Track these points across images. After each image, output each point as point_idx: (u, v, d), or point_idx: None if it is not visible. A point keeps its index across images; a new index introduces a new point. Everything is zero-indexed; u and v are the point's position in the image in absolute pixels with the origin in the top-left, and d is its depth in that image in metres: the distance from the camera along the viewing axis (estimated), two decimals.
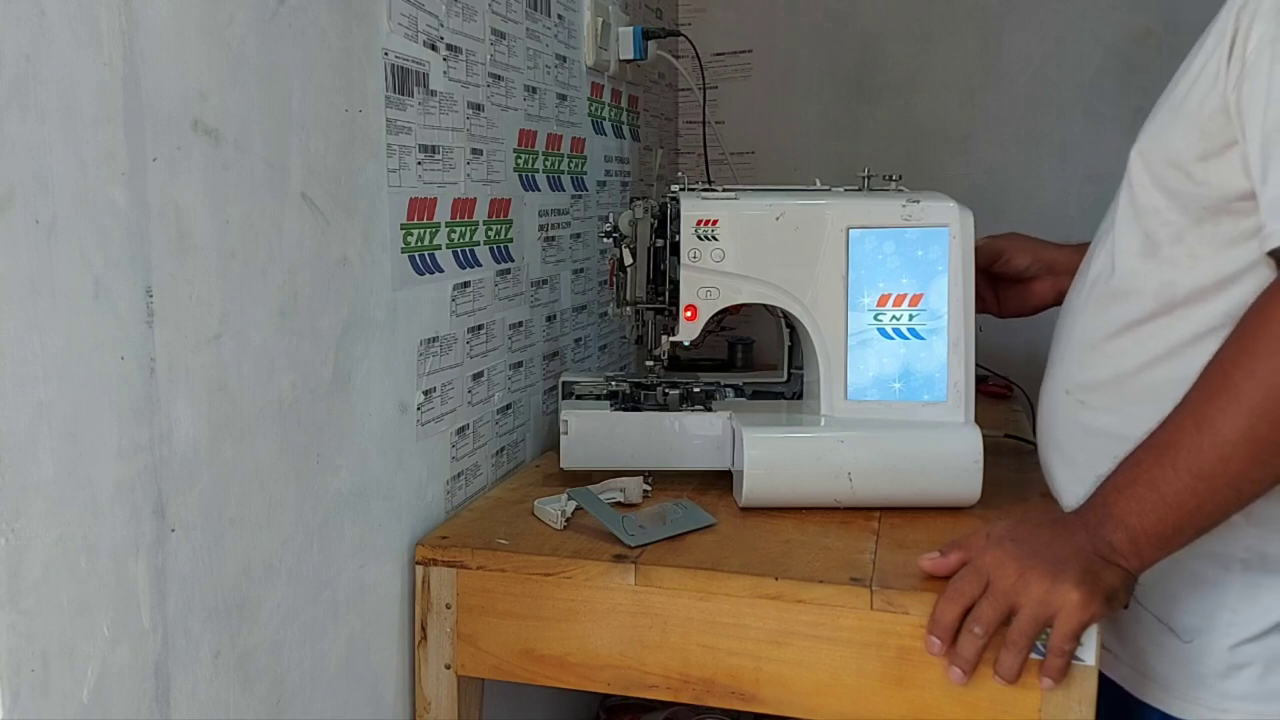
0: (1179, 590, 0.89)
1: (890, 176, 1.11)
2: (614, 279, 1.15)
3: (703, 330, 1.09)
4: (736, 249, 1.06)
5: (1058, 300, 1.19)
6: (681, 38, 1.64)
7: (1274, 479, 0.78)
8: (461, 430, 1.08)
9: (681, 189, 1.10)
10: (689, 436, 1.13)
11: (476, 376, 1.12)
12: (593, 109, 1.48)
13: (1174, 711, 0.89)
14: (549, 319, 1.32)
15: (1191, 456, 0.77)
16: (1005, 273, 1.19)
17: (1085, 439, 0.95)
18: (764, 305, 1.10)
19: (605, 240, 1.14)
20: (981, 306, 1.22)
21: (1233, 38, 0.81)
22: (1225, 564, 0.87)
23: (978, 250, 1.11)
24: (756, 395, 1.21)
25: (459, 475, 1.08)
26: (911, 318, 1.06)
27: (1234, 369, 0.77)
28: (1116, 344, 0.91)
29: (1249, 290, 0.82)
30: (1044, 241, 1.19)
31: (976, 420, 1.06)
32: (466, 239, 1.08)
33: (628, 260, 1.11)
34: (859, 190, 1.11)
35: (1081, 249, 1.09)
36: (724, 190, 1.09)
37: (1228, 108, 0.81)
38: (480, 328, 1.12)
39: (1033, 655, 0.81)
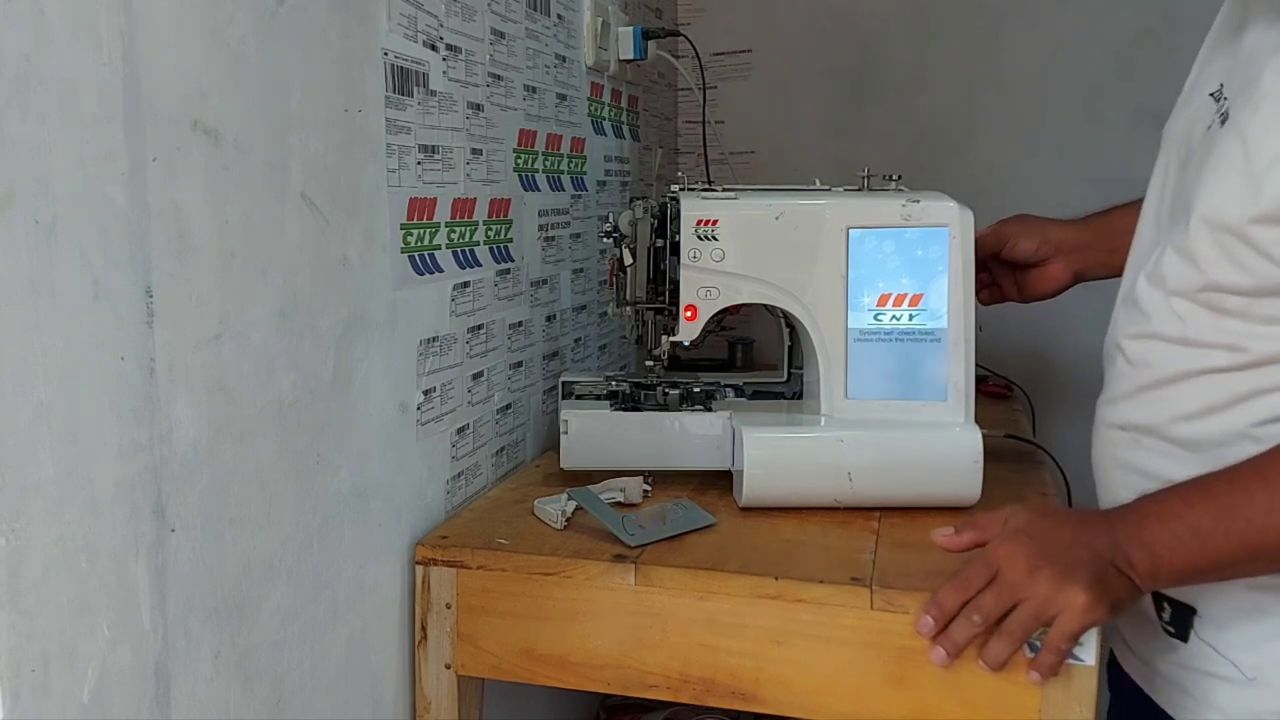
0: (1237, 623, 0.86)
1: (890, 176, 1.11)
2: (614, 279, 1.15)
3: (703, 330, 1.09)
4: (736, 249, 1.06)
5: (1074, 280, 1.18)
6: (681, 38, 1.64)
7: None
8: (461, 430, 1.08)
9: (681, 189, 1.10)
10: (689, 436, 1.13)
11: (476, 376, 1.12)
12: (592, 109, 1.48)
13: None
14: (549, 319, 1.32)
15: (1249, 529, 0.76)
16: (1014, 258, 1.18)
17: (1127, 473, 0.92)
18: (764, 305, 1.10)
19: (605, 240, 1.14)
20: (1003, 295, 1.22)
21: None
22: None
23: (984, 237, 1.10)
24: (756, 395, 1.21)
25: (459, 475, 1.08)
26: (911, 318, 1.06)
27: None
28: (1177, 388, 0.87)
29: None
30: (1051, 220, 1.17)
31: (976, 420, 1.05)
32: (466, 239, 1.08)
33: (628, 260, 1.11)
34: (859, 190, 1.11)
35: (1089, 224, 1.08)
36: (724, 190, 1.09)
37: None
38: (480, 328, 1.12)
39: (1029, 653, 0.81)
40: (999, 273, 1.22)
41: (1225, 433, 0.83)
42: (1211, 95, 0.88)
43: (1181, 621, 0.86)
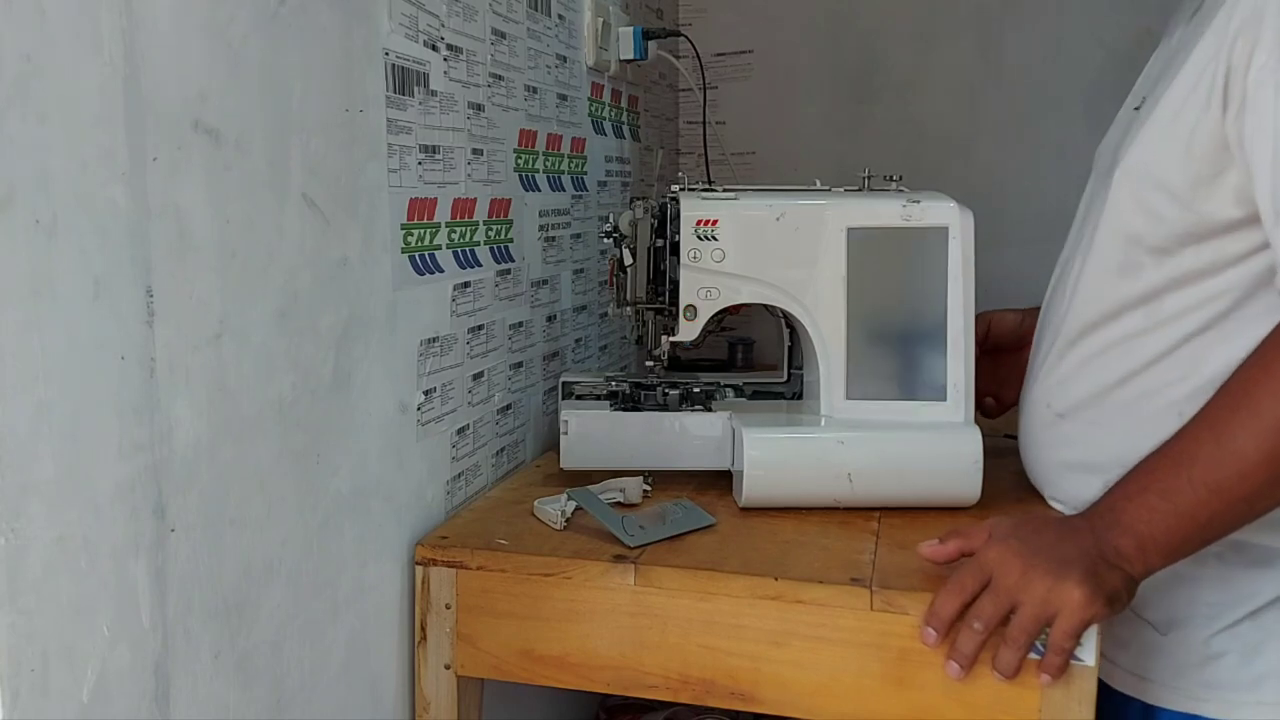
0: (1155, 584, 0.88)
1: (890, 177, 1.11)
2: (614, 279, 1.15)
3: (703, 330, 1.09)
4: (736, 249, 1.06)
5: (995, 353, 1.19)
6: (682, 38, 1.64)
7: None
8: (461, 430, 1.08)
9: (681, 189, 1.10)
10: (689, 436, 1.13)
11: (476, 376, 1.12)
12: (593, 109, 1.48)
13: (1154, 702, 0.91)
14: (549, 319, 1.32)
15: (1208, 470, 0.78)
16: (1000, 337, 1.18)
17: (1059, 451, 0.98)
18: (764, 305, 1.10)
19: (605, 240, 1.14)
20: (983, 405, 1.16)
21: (1228, 64, 0.80)
22: (1200, 558, 0.86)
23: None
24: (756, 395, 1.21)
25: (459, 475, 1.08)
26: (910, 318, 1.05)
27: (1257, 387, 0.77)
28: (1098, 361, 0.94)
29: (1228, 304, 0.85)
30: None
31: (976, 420, 1.06)
32: (467, 239, 1.08)
33: (628, 260, 1.11)
34: (859, 190, 1.11)
35: None
36: (724, 190, 1.09)
37: (1225, 138, 0.81)
38: (480, 328, 1.12)
39: (1032, 655, 0.81)
40: (981, 377, 1.14)
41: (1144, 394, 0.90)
42: (1136, 109, 0.96)
43: None
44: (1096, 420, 0.94)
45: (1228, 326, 0.86)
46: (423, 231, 0.99)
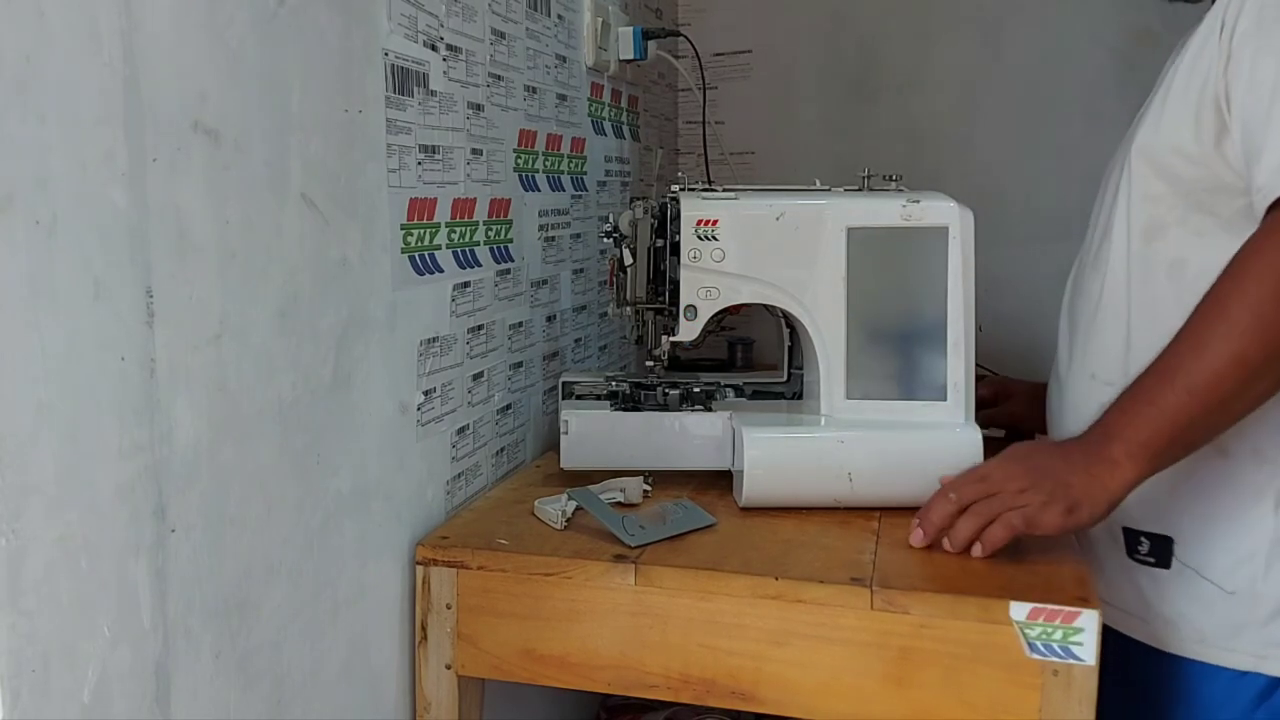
0: (1216, 540, 0.93)
1: (890, 176, 1.11)
2: (614, 279, 1.15)
3: (703, 330, 1.09)
4: (736, 249, 1.06)
5: (1009, 424, 1.27)
6: (681, 38, 1.64)
7: (1259, 398, 0.85)
8: (461, 430, 1.08)
9: (681, 189, 1.10)
10: (689, 436, 1.13)
11: (476, 377, 1.12)
12: (593, 109, 1.48)
13: (1216, 661, 0.94)
14: (549, 319, 1.32)
15: (1187, 375, 0.84)
16: (1011, 398, 1.27)
17: None
18: (764, 305, 1.10)
19: (605, 240, 1.14)
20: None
21: (1220, 30, 0.88)
22: (1258, 500, 0.91)
23: None
24: (756, 395, 1.21)
25: (459, 475, 1.08)
26: (910, 318, 1.05)
27: (1227, 297, 0.84)
28: (1137, 321, 0.98)
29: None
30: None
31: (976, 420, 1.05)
32: (466, 239, 1.08)
33: (628, 260, 1.11)
34: (859, 190, 1.11)
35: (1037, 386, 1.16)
36: (724, 190, 1.09)
37: (1218, 97, 0.88)
38: (480, 328, 1.12)
39: (1035, 655, 0.81)
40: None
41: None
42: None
43: (1161, 550, 0.96)
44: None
45: None
46: (422, 231, 0.99)
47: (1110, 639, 0.98)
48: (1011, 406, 1.27)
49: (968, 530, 0.89)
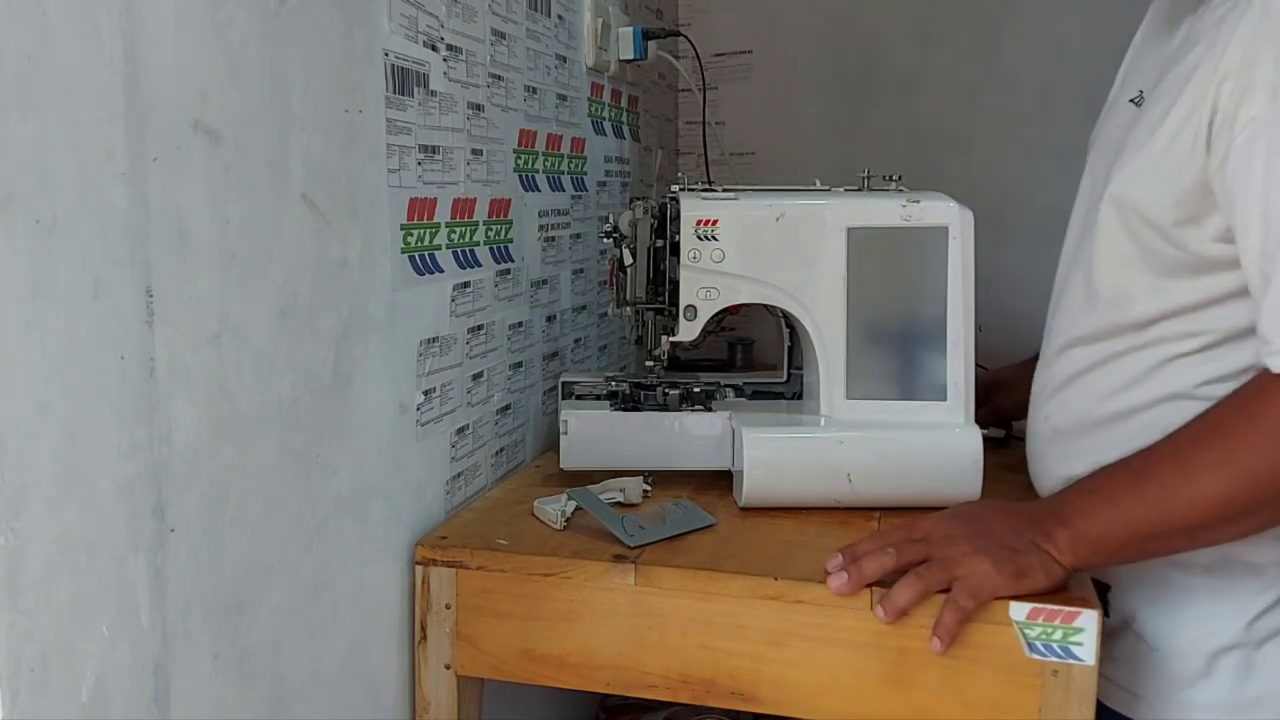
0: (1145, 596, 0.89)
1: (890, 176, 1.11)
2: (614, 279, 1.15)
3: (703, 330, 1.09)
4: (736, 249, 1.06)
5: (998, 420, 1.23)
6: (681, 38, 1.64)
7: (1230, 537, 0.80)
8: (461, 430, 1.08)
9: (681, 189, 1.10)
10: (689, 436, 1.13)
11: (476, 377, 1.12)
12: (593, 109, 1.48)
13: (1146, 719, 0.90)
14: (549, 319, 1.32)
15: (1163, 494, 0.79)
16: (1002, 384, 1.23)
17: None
18: (764, 305, 1.10)
19: (605, 240, 1.14)
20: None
21: (1213, 106, 0.79)
22: (1187, 569, 0.87)
23: None
24: (756, 395, 1.21)
25: (459, 475, 1.08)
26: (910, 318, 1.05)
27: (1235, 430, 0.77)
28: (1090, 377, 0.94)
29: (1219, 337, 0.85)
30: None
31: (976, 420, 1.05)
32: (466, 239, 1.08)
33: (628, 260, 1.11)
34: (859, 190, 1.11)
35: (1027, 363, 1.10)
36: (724, 190, 1.09)
37: (1209, 184, 0.81)
38: (480, 328, 1.12)
39: (1036, 656, 0.81)
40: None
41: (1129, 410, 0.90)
42: (1132, 101, 0.94)
43: (1100, 597, 0.90)
44: (1092, 435, 0.94)
45: (1218, 350, 0.86)
46: (422, 232, 0.99)
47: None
48: (1000, 400, 1.24)
49: (905, 599, 0.82)
